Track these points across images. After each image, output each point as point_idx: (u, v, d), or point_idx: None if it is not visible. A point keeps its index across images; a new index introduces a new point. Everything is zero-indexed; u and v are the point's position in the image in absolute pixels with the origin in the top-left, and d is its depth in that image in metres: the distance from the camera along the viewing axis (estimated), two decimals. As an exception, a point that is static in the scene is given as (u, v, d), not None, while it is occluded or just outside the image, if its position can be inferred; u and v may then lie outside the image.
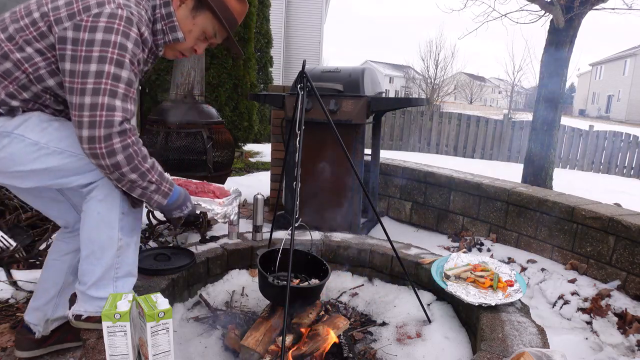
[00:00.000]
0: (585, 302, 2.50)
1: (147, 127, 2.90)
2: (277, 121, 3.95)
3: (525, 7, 5.15)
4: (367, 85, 3.22)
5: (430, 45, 34.96)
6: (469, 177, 3.62)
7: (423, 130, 11.15)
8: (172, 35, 1.52)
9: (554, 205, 2.97)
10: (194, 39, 1.56)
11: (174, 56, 1.62)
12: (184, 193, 1.56)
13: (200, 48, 1.60)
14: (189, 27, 1.53)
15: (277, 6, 12.90)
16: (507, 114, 21.87)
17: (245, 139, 6.83)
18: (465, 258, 2.35)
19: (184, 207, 1.56)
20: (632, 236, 2.54)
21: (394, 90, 49.78)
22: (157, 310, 1.40)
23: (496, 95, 56.44)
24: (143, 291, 1.87)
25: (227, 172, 3.09)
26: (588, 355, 2.12)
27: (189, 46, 1.58)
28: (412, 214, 3.91)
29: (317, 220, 3.00)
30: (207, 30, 1.55)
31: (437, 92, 26.49)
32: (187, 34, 1.54)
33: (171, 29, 1.51)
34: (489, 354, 1.58)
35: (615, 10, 4.87)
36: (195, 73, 2.92)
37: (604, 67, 40.95)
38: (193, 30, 1.54)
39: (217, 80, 6.06)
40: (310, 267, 2.10)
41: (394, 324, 2.09)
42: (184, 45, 1.56)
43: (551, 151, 4.61)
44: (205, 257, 2.36)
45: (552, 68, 4.51)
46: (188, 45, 1.57)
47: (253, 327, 1.80)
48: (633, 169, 9.81)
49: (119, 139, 1.30)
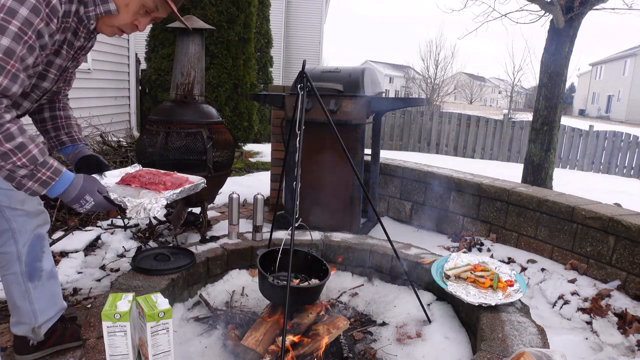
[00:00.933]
0: (585, 302, 2.50)
1: (147, 127, 2.90)
2: (277, 121, 3.95)
3: (525, 7, 5.16)
4: (367, 85, 3.22)
5: (430, 45, 34.99)
6: (469, 177, 3.62)
7: (423, 130, 11.15)
8: (104, 7, 1.37)
9: (554, 205, 2.97)
10: (132, 13, 1.40)
11: (112, 32, 1.47)
12: (83, 185, 1.41)
13: (142, 24, 1.45)
14: (125, 1, 1.38)
15: (277, 6, 12.90)
16: (507, 114, 21.88)
17: (245, 139, 6.83)
18: (465, 258, 2.35)
19: (82, 200, 1.39)
20: (632, 236, 2.54)
21: (394, 90, 49.77)
22: (157, 310, 1.40)
23: (496, 95, 56.43)
24: (143, 291, 1.87)
25: (227, 172, 3.09)
26: (588, 355, 2.12)
27: (128, 21, 1.42)
28: (412, 214, 3.91)
29: (317, 220, 3.00)
30: (147, 3, 1.40)
31: (437, 92, 26.49)
32: (124, 8, 1.39)
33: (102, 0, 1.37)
34: (489, 354, 1.58)
35: (615, 10, 4.88)
36: (195, 73, 2.92)
37: (604, 67, 40.94)
38: (130, 4, 1.38)
39: (217, 80, 6.06)
40: (310, 267, 2.10)
41: (394, 324, 2.09)
42: (121, 20, 1.41)
43: (551, 151, 4.61)
44: (205, 257, 2.35)
45: (552, 68, 4.51)
46: (126, 21, 1.42)
47: (253, 327, 1.80)
48: (633, 169, 9.81)
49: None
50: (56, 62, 1.44)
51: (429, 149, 11.14)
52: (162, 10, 1.44)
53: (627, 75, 35.43)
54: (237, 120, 6.40)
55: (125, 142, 5.82)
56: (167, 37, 6.05)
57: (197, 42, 2.91)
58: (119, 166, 4.89)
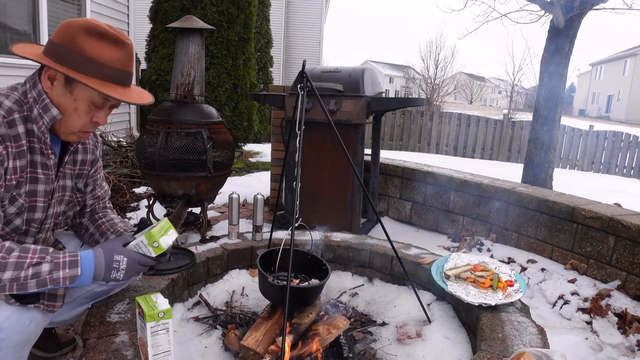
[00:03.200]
0: (585, 302, 2.50)
1: (147, 127, 2.90)
2: (277, 121, 3.95)
3: (525, 7, 5.15)
4: (367, 85, 3.22)
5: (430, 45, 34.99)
6: (469, 177, 3.62)
7: (423, 130, 11.15)
8: (48, 116, 1.26)
9: (554, 205, 2.97)
10: (84, 113, 1.30)
11: (78, 138, 1.37)
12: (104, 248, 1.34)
13: (102, 117, 1.33)
14: (72, 105, 1.27)
15: (277, 6, 12.91)
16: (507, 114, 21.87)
17: (245, 139, 6.83)
18: (465, 258, 2.35)
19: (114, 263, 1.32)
20: (632, 236, 2.54)
21: (394, 90, 49.77)
22: (157, 310, 1.40)
23: (496, 95, 56.44)
24: (143, 291, 1.87)
25: (227, 172, 3.09)
26: (588, 355, 2.12)
27: (84, 121, 1.31)
28: (412, 214, 3.91)
29: (317, 220, 3.00)
30: (94, 99, 1.28)
31: (437, 92, 26.50)
32: (73, 112, 1.28)
33: (44, 109, 1.26)
34: (489, 354, 1.58)
35: (615, 10, 4.87)
36: (195, 73, 2.92)
37: (604, 67, 40.95)
38: (79, 106, 1.28)
39: (217, 80, 6.06)
40: (310, 267, 2.10)
41: (394, 324, 2.09)
42: (77, 123, 1.30)
43: (551, 151, 4.61)
44: (205, 257, 2.35)
45: (552, 68, 4.51)
46: (84, 122, 1.31)
47: (253, 327, 1.80)
48: (633, 169, 9.81)
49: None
50: (38, 189, 1.33)
51: (429, 149, 11.15)
52: (113, 99, 1.30)
53: (627, 75, 35.44)
54: (237, 120, 6.41)
55: (125, 142, 5.82)
56: (167, 37, 6.05)
57: (197, 42, 2.91)
58: (119, 166, 4.89)
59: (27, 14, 4.82)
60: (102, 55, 1.25)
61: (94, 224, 1.63)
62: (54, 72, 1.25)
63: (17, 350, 1.22)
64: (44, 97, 1.27)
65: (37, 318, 1.24)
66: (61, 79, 1.26)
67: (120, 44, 1.28)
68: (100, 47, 1.25)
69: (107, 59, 1.26)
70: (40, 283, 1.19)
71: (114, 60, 1.27)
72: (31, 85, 1.29)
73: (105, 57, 1.25)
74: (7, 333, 1.17)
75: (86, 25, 1.25)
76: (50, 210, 1.41)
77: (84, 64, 1.23)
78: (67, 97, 1.28)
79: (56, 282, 1.21)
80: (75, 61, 1.23)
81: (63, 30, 1.25)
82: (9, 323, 1.17)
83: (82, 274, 1.25)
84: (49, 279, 1.20)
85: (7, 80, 4.40)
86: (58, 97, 1.28)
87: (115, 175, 4.55)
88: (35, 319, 1.23)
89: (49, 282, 1.20)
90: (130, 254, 1.38)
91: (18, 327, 1.19)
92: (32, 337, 1.25)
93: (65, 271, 1.23)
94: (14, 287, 1.16)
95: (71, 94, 1.27)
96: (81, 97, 1.28)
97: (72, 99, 1.28)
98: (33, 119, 1.27)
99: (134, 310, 1.70)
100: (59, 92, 1.27)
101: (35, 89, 1.28)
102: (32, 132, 1.28)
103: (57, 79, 1.27)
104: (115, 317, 1.67)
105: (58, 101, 1.28)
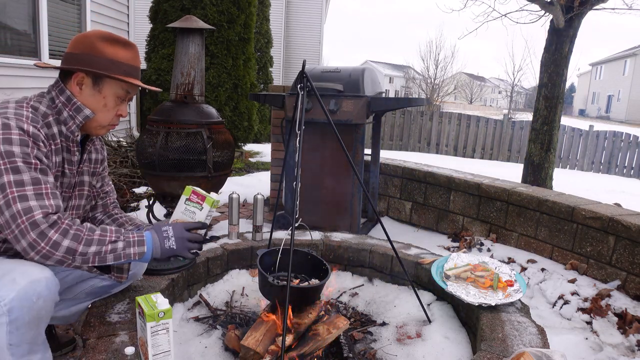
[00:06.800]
0: (585, 302, 2.50)
1: (147, 127, 2.90)
2: (277, 121, 3.95)
3: (525, 7, 5.15)
4: (367, 85, 3.22)
5: (430, 45, 35.06)
6: (469, 177, 3.62)
7: (423, 130, 11.15)
8: (81, 116, 1.49)
9: (554, 205, 2.97)
10: (112, 108, 1.55)
11: (106, 131, 1.61)
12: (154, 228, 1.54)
13: (123, 110, 1.60)
14: (102, 102, 1.51)
15: (277, 6, 12.90)
16: (507, 114, 21.88)
17: (245, 139, 6.83)
18: (465, 258, 2.35)
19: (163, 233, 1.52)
20: (632, 236, 2.54)
21: (394, 90, 49.78)
22: (157, 310, 1.40)
23: (496, 95, 56.44)
24: (143, 291, 1.87)
25: (227, 172, 3.09)
26: (588, 355, 2.12)
27: (112, 115, 1.56)
28: (412, 214, 3.91)
29: (317, 220, 3.00)
30: (119, 93, 1.53)
31: (437, 92, 26.51)
32: (103, 108, 1.52)
33: (76, 111, 1.49)
34: (489, 354, 1.58)
35: (615, 10, 4.88)
36: (195, 73, 2.92)
37: (604, 67, 40.95)
38: (107, 102, 1.52)
39: (217, 80, 6.06)
40: (310, 267, 2.10)
41: (394, 324, 2.09)
42: (106, 118, 1.55)
43: (551, 151, 4.61)
44: (205, 257, 2.36)
45: (552, 68, 4.51)
46: (111, 115, 1.56)
47: (253, 327, 1.80)
48: (633, 169, 9.81)
49: (53, 230, 1.30)
50: (64, 181, 1.54)
51: (429, 149, 11.15)
52: (132, 90, 1.57)
53: (627, 75, 35.44)
54: (237, 120, 6.40)
55: (125, 142, 5.83)
56: (167, 37, 6.05)
57: (197, 42, 2.91)
58: (119, 166, 4.89)
59: (27, 14, 4.82)
60: (118, 56, 1.49)
61: (110, 217, 1.79)
62: (82, 78, 1.47)
63: (33, 327, 1.31)
64: (75, 101, 1.48)
65: (44, 295, 1.31)
66: (89, 82, 1.48)
67: (129, 45, 1.54)
68: (115, 50, 1.49)
69: (123, 58, 1.50)
70: (117, 257, 1.41)
71: (128, 58, 1.52)
72: (57, 92, 1.48)
73: (122, 57, 1.50)
74: (18, 312, 1.25)
75: (100, 33, 1.51)
76: (71, 202, 1.59)
77: (108, 65, 1.47)
78: (96, 96, 1.50)
79: (128, 257, 1.44)
80: (100, 63, 1.46)
81: (81, 41, 1.48)
82: (17, 302, 1.25)
83: (147, 251, 1.47)
84: (123, 254, 1.42)
85: (7, 80, 4.40)
86: (88, 98, 1.49)
87: (115, 175, 4.55)
88: (42, 296, 1.30)
89: (123, 256, 1.42)
90: (173, 223, 1.59)
91: (27, 304, 1.26)
92: (44, 312, 1.33)
93: (135, 248, 1.45)
94: (96, 259, 1.38)
95: (100, 93, 1.50)
96: (109, 94, 1.51)
97: (102, 96, 1.50)
98: (62, 120, 1.48)
99: (134, 310, 1.70)
100: (88, 94, 1.49)
101: (63, 95, 1.48)
102: (61, 132, 1.48)
103: (84, 83, 1.48)
104: (115, 317, 1.67)
105: (88, 102, 1.50)
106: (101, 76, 1.47)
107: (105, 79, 1.49)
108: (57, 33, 5.31)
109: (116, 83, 1.50)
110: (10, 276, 1.29)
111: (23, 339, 1.28)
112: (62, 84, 1.49)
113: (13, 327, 1.25)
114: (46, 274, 1.33)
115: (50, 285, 1.33)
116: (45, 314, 1.35)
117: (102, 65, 1.47)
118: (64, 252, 1.32)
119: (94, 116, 1.51)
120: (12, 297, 1.24)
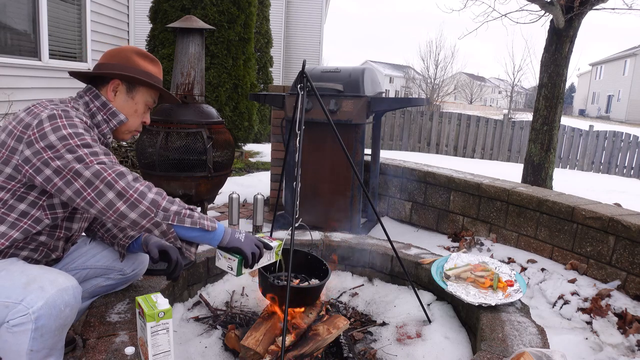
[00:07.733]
0: (585, 302, 2.50)
1: (147, 127, 2.90)
2: (277, 121, 3.95)
3: (525, 7, 5.15)
4: (367, 85, 3.22)
5: (430, 45, 35.08)
6: (469, 177, 3.62)
7: (423, 130, 11.15)
8: (116, 120, 1.61)
9: (554, 205, 2.97)
10: (140, 114, 1.68)
11: (131, 136, 1.73)
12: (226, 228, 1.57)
13: (148, 118, 1.73)
14: (133, 108, 1.64)
15: (277, 6, 12.90)
16: (507, 114, 21.88)
17: (245, 139, 6.83)
18: (465, 258, 2.35)
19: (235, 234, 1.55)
20: (632, 236, 2.54)
21: (394, 90, 49.79)
22: (157, 310, 1.40)
23: (496, 95, 56.45)
24: (143, 291, 1.87)
25: (227, 172, 3.09)
26: (588, 355, 2.12)
27: (139, 121, 1.69)
28: (412, 214, 3.91)
29: (317, 220, 3.00)
30: (148, 101, 1.68)
31: (437, 92, 26.50)
32: (134, 114, 1.65)
33: (112, 115, 1.60)
34: (489, 354, 1.58)
35: (615, 10, 4.87)
36: (195, 73, 2.92)
37: (604, 67, 40.95)
38: (138, 109, 1.66)
39: (217, 80, 6.06)
40: (310, 267, 2.10)
41: (394, 324, 2.09)
42: (134, 123, 1.67)
43: (551, 151, 4.61)
44: (205, 257, 2.35)
45: (552, 68, 4.51)
46: (139, 121, 1.69)
47: (253, 327, 1.80)
48: (633, 169, 9.81)
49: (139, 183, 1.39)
50: None
51: (429, 149, 11.14)
52: (156, 100, 1.72)
53: (627, 75, 35.43)
54: (237, 120, 6.40)
55: (125, 142, 5.83)
56: (167, 37, 6.05)
57: (197, 42, 2.91)
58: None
59: (27, 14, 4.82)
60: (149, 69, 1.66)
61: None
62: (117, 85, 1.60)
63: (57, 334, 1.33)
64: (110, 106, 1.59)
65: (71, 303, 1.32)
66: (123, 89, 1.61)
67: (156, 61, 1.71)
68: (146, 64, 1.66)
69: (153, 71, 1.67)
70: (194, 222, 1.45)
71: (156, 72, 1.69)
72: (92, 97, 1.59)
73: (151, 70, 1.67)
74: (45, 320, 1.26)
75: (134, 49, 1.68)
76: None
77: (143, 75, 1.62)
78: (129, 102, 1.63)
79: (202, 226, 1.46)
80: (135, 73, 1.61)
81: (116, 54, 1.63)
82: (46, 310, 1.26)
83: (218, 230, 1.51)
84: (199, 222, 1.46)
85: (7, 80, 4.40)
86: (121, 104, 1.62)
87: (115, 175, 4.54)
88: (69, 304, 1.32)
89: (198, 224, 1.46)
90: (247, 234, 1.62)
91: (55, 312, 1.28)
92: (69, 320, 1.35)
93: (209, 222, 1.49)
94: (176, 219, 1.42)
95: (132, 99, 1.64)
96: (140, 101, 1.65)
97: (134, 102, 1.64)
98: (95, 123, 1.58)
99: (134, 310, 1.70)
100: (122, 100, 1.62)
101: (98, 100, 1.58)
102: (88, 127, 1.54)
103: (119, 90, 1.60)
104: (115, 317, 1.67)
105: (121, 107, 1.62)
106: (136, 84, 1.62)
107: (138, 87, 1.63)
108: (57, 33, 5.31)
109: (147, 91, 1.65)
110: (37, 283, 1.29)
111: (45, 345, 1.30)
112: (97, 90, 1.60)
113: (37, 334, 1.27)
114: (72, 282, 1.35)
115: (77, 294, 1.35)
116: (70, 322, 1.37)
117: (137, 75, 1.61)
118: (149, 203, 1.37)
119: (127, 121, 1.63)
120: (40, 305, 1.25)
